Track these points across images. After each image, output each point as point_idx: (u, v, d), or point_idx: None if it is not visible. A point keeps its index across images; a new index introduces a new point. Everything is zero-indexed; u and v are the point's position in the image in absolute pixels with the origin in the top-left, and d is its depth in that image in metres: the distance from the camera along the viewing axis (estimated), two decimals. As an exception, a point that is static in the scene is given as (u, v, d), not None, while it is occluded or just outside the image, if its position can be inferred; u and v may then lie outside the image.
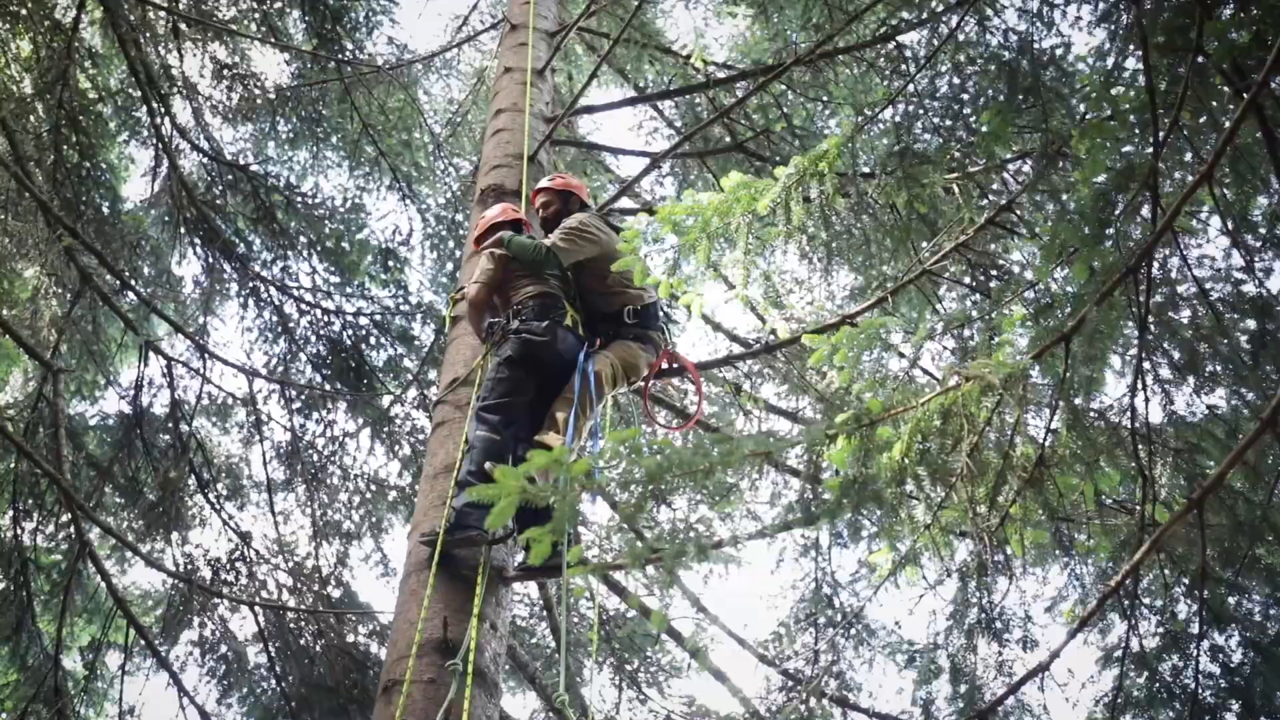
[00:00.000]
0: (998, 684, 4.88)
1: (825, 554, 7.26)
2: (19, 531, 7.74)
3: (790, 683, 6.78)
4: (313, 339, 9.58)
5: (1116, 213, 3.35)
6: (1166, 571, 3.83)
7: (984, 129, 4.29)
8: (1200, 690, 3.66)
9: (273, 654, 8.07)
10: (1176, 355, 3.63)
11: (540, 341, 5.00)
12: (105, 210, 8.97)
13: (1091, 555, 4.35)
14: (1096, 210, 3.35)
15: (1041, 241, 4.08)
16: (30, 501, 7.87)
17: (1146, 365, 3.54)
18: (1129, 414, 3.54)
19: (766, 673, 6.95)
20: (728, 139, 8.16)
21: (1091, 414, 3.54)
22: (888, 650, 6.60)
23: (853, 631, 6.73)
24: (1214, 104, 3.26)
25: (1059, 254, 3.61)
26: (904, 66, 6.29)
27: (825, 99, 7.92)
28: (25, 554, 7.71)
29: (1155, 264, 3.37)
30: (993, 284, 5.34)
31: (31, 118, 8.45)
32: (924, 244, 5.13)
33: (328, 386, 9.46)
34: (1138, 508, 3.69)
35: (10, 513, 7.80)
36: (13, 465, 7.77)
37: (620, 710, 8.12)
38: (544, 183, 5.82)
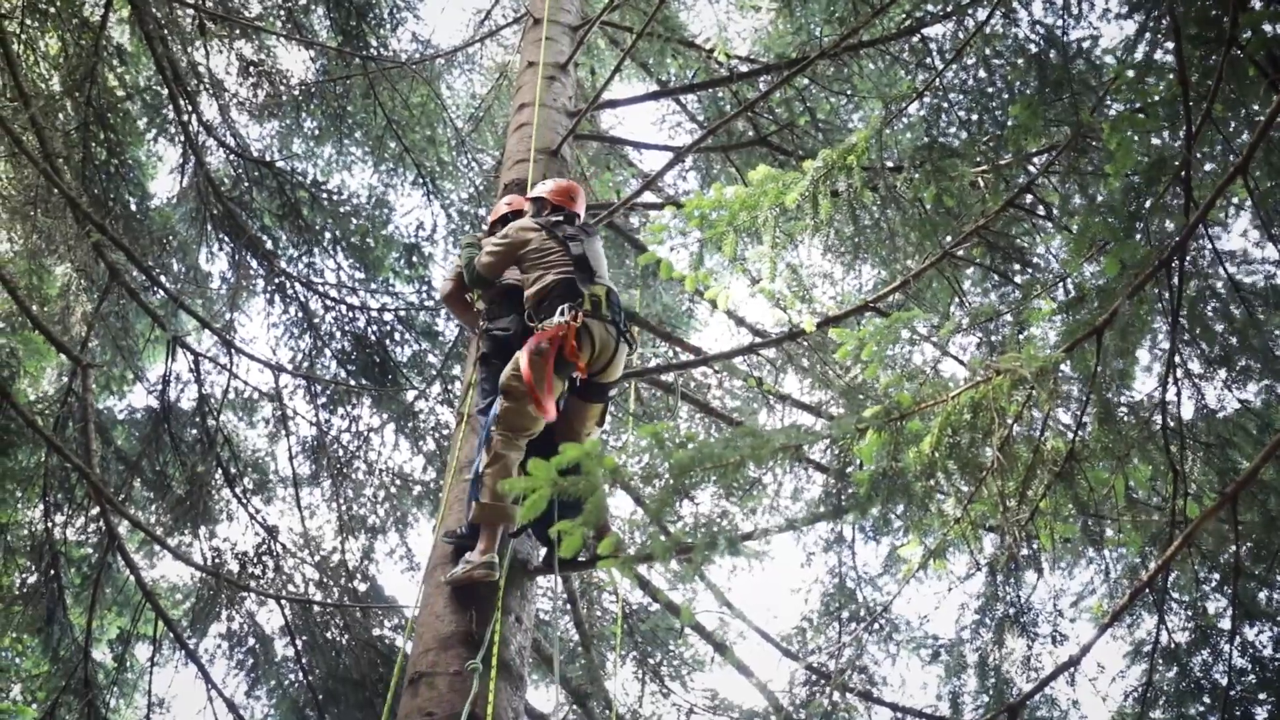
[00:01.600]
0: (1024, 679, 4.87)
1: (850, 548, 7.24)
2: (49, 525, 7.82)
3: (814, 677, 6.76)
4: (338, 334, 9.62)
5: (1147, 205, 3.32)
6: (1197, 567, 3.80)
7: (1012, 122, 4.26)
8: (1232, 685, 3.64)
9: (299, 647, 8.13)
10: (1208, 349, 3.60)
11: (504, 337, 4.96)
12: (133, 207, 9.01)
13: (1121, 550, 4.33)
14: (1127, 203, 3.32)
15: (1071, 234, 4.05)
16: (60, 495, 7.96)
17: (1178, 359, 3.51)
18: (1160, 408, 3.51)
19: (791, 667, 6.92)
20: (751, 133, 8.13)
21: (1122, 408, 3.52)
22: (913, 645, 6.57)
23: (877, 626, 6.71)
24: (1247, 96, 3.23)
25: (1089, 247, 3.59)
26: (929, 59, 6.25)
27: (849, 93, 7.88)
28: (56, 547, 7.81)
29: (1187, 257, 3.34)
30: (1018, 275, 5.30)
31: (60, 115, 8.51)
32: (948, 237, 5.09)
33: (353, 382, 9.50)
34: (1169, 503, 3.66)
35: (41, 506, 7.89)
36: (43, 459, 7.85)
37: (643, 704, 8.13)
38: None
